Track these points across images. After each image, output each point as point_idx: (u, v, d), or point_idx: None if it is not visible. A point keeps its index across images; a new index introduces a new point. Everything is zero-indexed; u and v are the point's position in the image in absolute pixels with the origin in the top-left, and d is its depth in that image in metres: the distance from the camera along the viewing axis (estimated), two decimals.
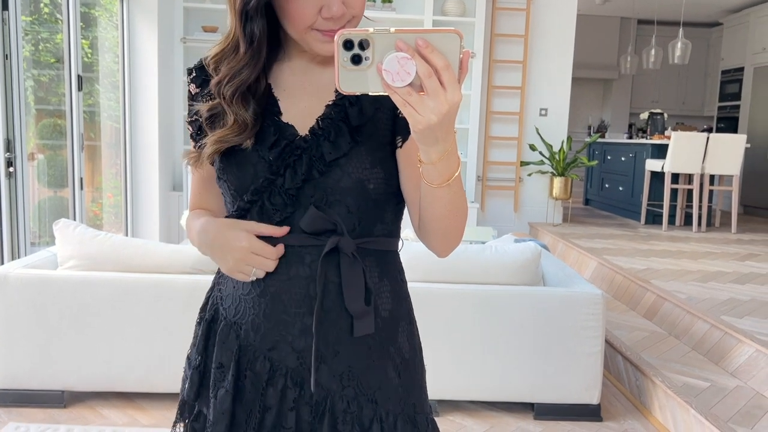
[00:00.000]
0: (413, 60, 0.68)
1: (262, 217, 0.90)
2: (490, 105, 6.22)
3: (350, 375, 0.91)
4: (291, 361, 0.90)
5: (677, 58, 6.88)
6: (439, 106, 0.69)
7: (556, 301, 2.64)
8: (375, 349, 0.92)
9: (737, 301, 3.55)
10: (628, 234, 5.92)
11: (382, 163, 0.90)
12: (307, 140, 0.89)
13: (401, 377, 0.93)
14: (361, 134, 0.88)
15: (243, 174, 0.90)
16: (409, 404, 0.94)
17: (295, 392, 0.90)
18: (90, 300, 2.58)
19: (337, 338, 0.90)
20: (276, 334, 0.90)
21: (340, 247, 0.88)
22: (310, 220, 0.88)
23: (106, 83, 5.07)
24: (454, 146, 0.76)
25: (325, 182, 0.88)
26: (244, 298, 0.92)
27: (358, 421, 0.90)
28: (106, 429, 2.47)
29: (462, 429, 2.59)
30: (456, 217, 0.86)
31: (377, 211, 0.92)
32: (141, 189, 5.26)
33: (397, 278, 0.97)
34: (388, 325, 0.94)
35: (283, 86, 0.93)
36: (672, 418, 2.58)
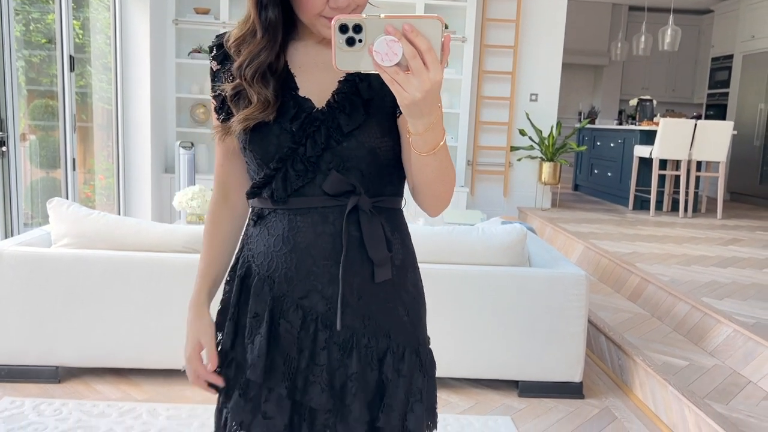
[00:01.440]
0: (400, 43, 0.76)
1: (285, 183, 1.00)
2: (481, 90, 6.26)
3: (370, 315, 1.03)
4: (321, 307, 1.02)
5: (667, 44, 6.93)
6: (422, 84, 0.77)
7: (540, 281, 2.70)
8: (389, 293, 1.05)
9: (718, 283, 3.64)
10: (616, 219, 6.00)
11: (390, 133, 1.00)
12: (324, 113, 0.99)
13: (409, 315, 1.07)
14: (371, 107, 0.99)
15: (267, 145, 1.00)
16: (414, 338, 1.07)
17: (325, 334, 1.02)
18: (83, 277, 2.62)
19: (360, 285, 1.02)
20: (307, 284, 1.01)
21: (359, 206, 0.99)
22: (332, 183, 0.98)
23: (97, 65, 5.07)
24: (438, 119, 0.85)
25: (342, 150, 0.98)
26: (276, 254, 1.03)
27: (375, 353, 1.03)
28: (100, 404, 2.52)
29: (448, 405, 2.66)
30: (443, 182, 0.96)
31: (387, 174, 1.03)
32: (133, 171, 5.28)
33: (405, 232, 1.10)
34: (399, 272, 1.06)
35: (299, 63, 1.03)
36: (651, 395, 2.66)
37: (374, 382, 1.03)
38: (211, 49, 1.08)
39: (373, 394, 1.03)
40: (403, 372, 1.04)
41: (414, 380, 1.05)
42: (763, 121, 7.52)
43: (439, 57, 0.77)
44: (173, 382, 2.75)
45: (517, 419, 2.56)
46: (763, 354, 2.64)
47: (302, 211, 1.01)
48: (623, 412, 2.66)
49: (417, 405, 1.04)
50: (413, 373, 1.05)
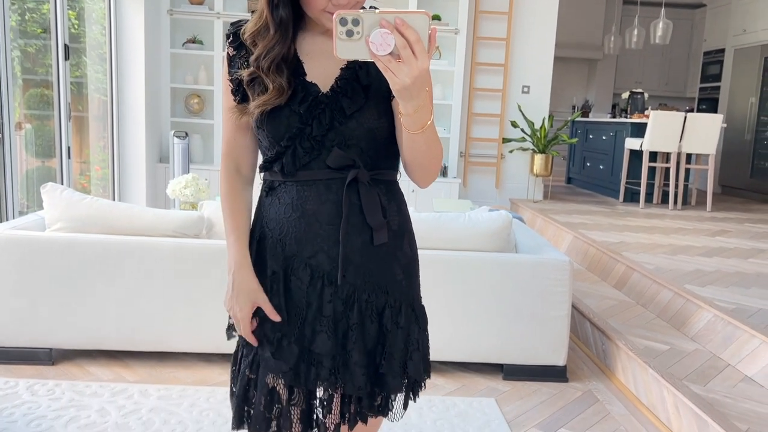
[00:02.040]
0: (393, 35, 0.88)
1: (294, 158, 1.14)
2: (474, 81, 6.30)
3: (370, 273, 1.17)
4: (326, 265, 1.15)
5: (659, 38, 6.99)
6: (412, 70, 0.89)
7: (525, 267, 2.76)
8: (387, 254, 1.19)
9: (702, 272, 3.70)
10: (606, 211, 6.06)
11: (386, 115, 1.14)
12: (328, 96, 1.12)
13: (404, 275, 1.21)
14: (369, 91, 1.12)
15: (278, 125, 1.13)
16: (409, 295, 1.22)
17: (330, 289, 1.15)
18: (77, 261, 2.67)
19: (361, 246, 1.16)
20: (315, 245, 1.15)
21: (358, 178, 1.13)
22: (335, 158, 1.12)
23: (93, 55, 5.11)
24: (426, 102, 0.97)
25: (344, 130, 1.12)
26: (287, 220, 1.17)
27: (375, 307, 1.17)
28: (92, 384, 2.58)
29: (434, 388, 2.72)
30: (432, 157, 1.09)
31: (383, 150, 1.16)
32: (128, 161, 5.32)
33: (401, 200, 1.23)
34: (396, 236, 1.20)
35: (306, 51, 1.16)
36: (633, 378, 2.72)
37: (375, 333, 1.17)
38: (228, 36, 1.19)
39: (375, 343, 1.17)
40: (401, 324, 1.18)
41: (411, 332, 1.19)
42: (754, 115, 7.58)
43: (426, 47, 0.89)
44: (165, 365, 2.80)
45: (501, 401, 2.62)
46: (741, 338, 2.71)
47: (309, 182, 1.15)
48: (605, 394, 2.72)
49: (415, 353, 1.19)
50: (410, 325, 1.19)
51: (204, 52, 5.76)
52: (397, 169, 1.23)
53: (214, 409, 2.43)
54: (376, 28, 0.88)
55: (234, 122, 1.20)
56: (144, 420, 2.32)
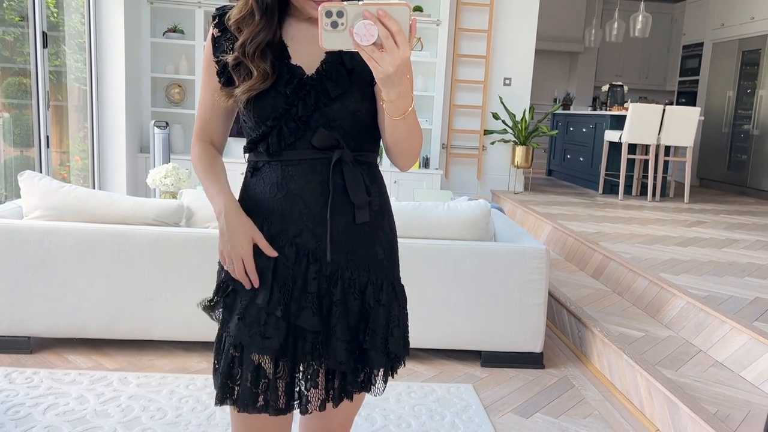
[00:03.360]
0: (376, 26, 0.92)
1: (280, 138, 1.16)
2: (455, 73, 6.33)
3: (352, 252, 1.20)
4: (311, 243, 1.18)
5: (638, 31, 7.06)
6: (394, 59, 0.93)
7: (503, 255, 2.80)
8: (369, 234, 1.22)
9: (677, 260, 3.77)
10: (585, 202, 6.13)
11: (369, 98, 1.17)
12: (314, 79, 1.15)
13: (385, 254, 1.24)
14: (353, 75, 1.16)
15: (264, 106, 1.15)
16: (390, 273, 1.25)
17: (315, 267, 1.18)
18: (55, 249, 2.66)
19: (344, 225, 1.19)
20: (300, 224, 1.18)
21: (342, 158, 1.16)
22: (320, 138, 1.15)
23: (72, 44, 5.06)
24: (407, 89, 1.01)
25: (329, 112, 1.15)
26: (272, 199, 1.19)
27: (357, 285, 1.20)
28: (71, 372, 2.58)
29: (413, 374, 2.76)
30: (412, 141, 1.13)
31: (366, 132, 1.20)
32: (108, 151, 5.29)
33: (382, 182, 1.27)
34: (377, 216, 1.23)
35: (291, 35, 1.19)
36: (608, 364, 2.78)
37: (357, 309, 1.20)
38: (213, 18, 1.21)
39: (357, 320, 1.20)
40: (382, 301, 1.21)
41: (392, 309, 1.23)
42: (732, 109, 7.69)
43: (407, 37, 0.93)
44: (144, 353, 2.81)
45: (479, 387, 2.66)
46: (712, 324, 2.77)
47: (294, 162, 1.17)
48: (581, 380, 2.77)
49: (395, 330, 1.23)
50: (391, 302, 1.23)
51: (185, 41, 5.73)
52: (378, 152, 1.26)
53: (194, 396, 2.44)
54: (359, 20, 0.92)
55: (213, 104, 1.23)
56: (123, 407, 2.33)
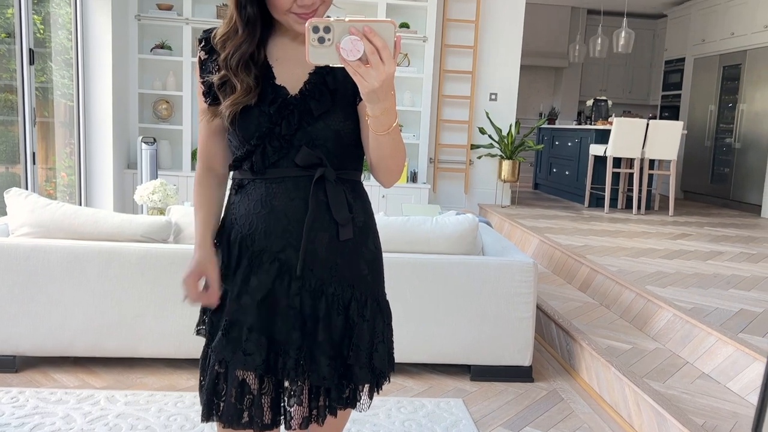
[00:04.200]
0: (362, 41, 0.94)
1: (264, 157, 1.19)
2: (442, 89, 6.38)
3: (336, 268, 1.22)
4: (294, 259, 1.19)
5: (621, 47, 7.17)
6: (379, 75, 0.95)
7: (491, 269, 2.81)
8: (353, 250, 1.24)
9: (663, 273, 3.81)
10: (571, 215, 6.18)
11: (351, 117, 1.20)
12: (297, 99, 1.18)
13: (369, 270, 1.26)
14: (336, 95, 1.18)
15: (249, 125, 1.18)
16: (374, 290, 1.27)
17: (298, 282, 1.20)
18: (42, 267, 2.64)
19: (328, 241, 1.20)
20: (283, 240, 1.20)
21: (325, 176, 1.18)
22: (303, 157, 1.17)
23: (59, 60, 5.05)
24: (392, 105, 1.03)
25: (312, 131, 1.18)
26: (256, 216, 1.21)
27: (341, 301, 1.22)
28: (57, 391, 2.55)
29: (403, 389, 2.76)
30: (396, 158, 1.15)
31: (348, 151, 1.22)
32: (95, 167, 5.26)
33: (366, 199, 1.29)
34: (361, 232, 1.25)
35: (276, 56, 1.22)
36: (596, 377, 2.79)
37: (341, 325, 1.21)
38: (200, 41, 1.24)
39: (341, 336, 1.21)
40: (366, 317, 1.23)
41: (377, 324, 1.25)
42: (714, 122, 7.81)
43: (392, 53, 0.96)
44: (132, 371, 2.78)
45: (469, 401, 2.66)
46: (698, 336, 2.79)
47: (277, 180, 1.19)
48: (570, 393, 2.78)
49: (380, 345, 1.24)
50: (375, 318, 1.25)
51: (173, 57, 5.73)
52: (362, 170, 1.28)
53: (182, 413, 2.42)
54: (346, 35, 0.95)
55: (207, 125, 1.26)
56: (111, 426, 2.31)
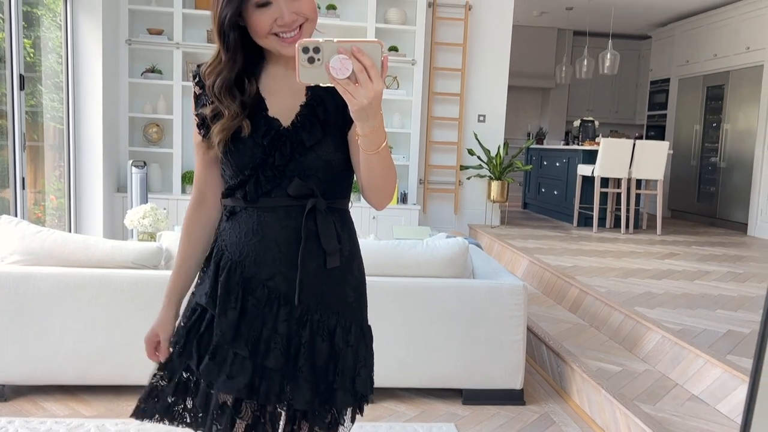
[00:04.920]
0: (350, 60, 0.97)
1: (257, 186, 1.22)
2: (431, 110, 6.44)
3: (322, 295, 1.25)
4: (283, 286, 1.23)
5: (607, 68, 7.28)
6: (368, 92, 0.99)
7: (482, 292, 2.83)
8: (339, 278, 1.27)
9: (651, 294, 3.84)
10: (560, 235, 6.22)
11: (341, 148, 1.23)
12: (289, 130, 1.21)
13: (355, 296, 1.29)
14: (327, 126, 1.21)
15: (243, 155, 1.21)
16: (359, 316, 1.30)
17: (286, 309, 1.23)
18: (32, 295, 2.64)
19: (315, 269, 1.24)
20: (273, 268, 1.23)
21: (316, 206, 1.22)
22: (296, 188, 1.21)
23: (49, 84, 5.06)
24: (381, 124, 1.06)
25: (304, 161, 1.21)
26: (247, 243, 1.24)
27: (326, 327, 1.24)
28: (47, 420, 2.53)
29: (395, 414, 2.76)
30: (387, 178, 1.18)
31: (338, 180, 1.26)
32: (85, 190, 5.25)
33: (352, 228, 1.32)
34: (347, 260, 1.28)
35: (268, 89, 1.25)
36: (587, 399, 2.80)
37: (327, 351, 1.24)
38: (194, 77, 1.30)
39: (326, 361, 1.24)
40: (350, 343, 1.26)
41: (359, 350, 1.28)
42: (699, 142, 7.92)
43: (380, 72, 0.99)
44: (122, 399, 2.77)
45: (461, 426, 2.67)
46: (687, 357, 2.82)
47: (269, 209, 1.22)
48: (561, 416, 2.79)
49: (362, 370, 1.28)
50: (359, 344, 1.28)
51: (163, 81, 5.76)
52: (349, 198, 1.32)
53: None
54: (335, 55, 0.98)
55: (203, 157, 1.29)
56: None
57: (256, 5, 1.14)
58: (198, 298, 1.28)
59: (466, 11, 6.33)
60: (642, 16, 8.39)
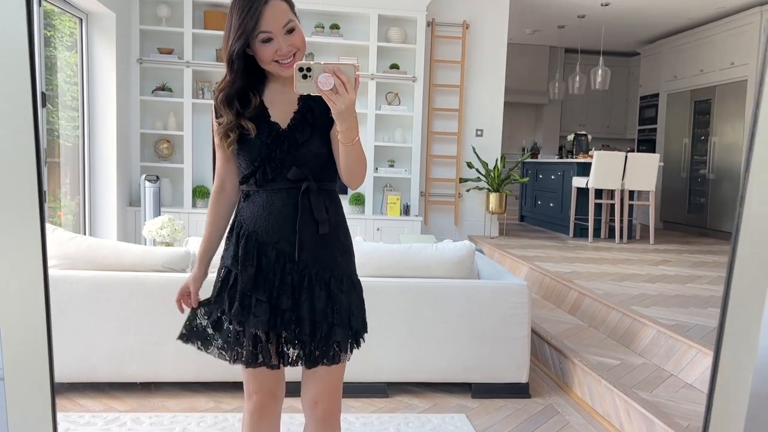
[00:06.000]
0: (332, 77, 1.35)
1: (264, 174, 1.59)
2: (431, 126, 6.68)
3: (317, 255, 1.61)
4: (287, 248, 1.59)
5: (598, 84, 7.56)
6: (345, 100, 1.36)
7: (488, 291, 3.03)
8: (328, 242, 1.62)
9: (646, 295, 4.05)
10: (557, 245, 6.44)
11: (326, 144, 1.59)
12: (286, 132, 1.59)
13: (342, 256, 1.65)
14: (315, 128, 1.58)
15: (252, 151, 1.60)
16: (347, 270, 1.65)
17: (290, 264, 1.59)
18: (68, 296, 2.81)
19: (310, 235, 1.60)
20: (279, 234, 1.60)
21: (309, 188, 1.59)
22: (294, 174, 1.58)
23: (57, 102, 5.25)
24: (354, 123, 1.43)
25: (298, 154, 1.58)
26: (259, 217, 1.61)
27: (322, 278, 1.60)
28: (85, 414, 2.70)
29: (409, 407, 2.93)
30: (359, 164, 1.54)
31: (325, 169, 1.62)
32: (100, 205, 5.44)
33: (339, 205, 1.69)
34: (334, 228, 1.64)
35: (269, 100, 1.63)
36: (588, 391, 2.99)
37: (325, 296, 1.60)
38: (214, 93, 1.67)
39: (325, 304, 1.59)
40: (343, 290, 1.62)
41: (351, 296, 1.63)
42: (688, 155, 8.18)
43: (354, 86, 1.36)
44: (153, 395, 2.93)
45: (471, 416, 2.85)
46: (681, 350, 3.02)
47: (275, 191, 1.59)
48: (564, 407, 2.98)
49: (356, 311, 1.63)
50: (350, 291, 1.64)
51: (173, 99, 5.97)
52: (336, 182, 1.65)
53: None
54: (321, 73, 1.34)
55: (222, 154, 1.68)
56: None
57: (261, 41, 1.52)
58: (225, 261, 1.64)
59: (463, 30, 6.60)
60: (631, 33, 8.70)
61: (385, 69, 6.32)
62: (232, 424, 2.66)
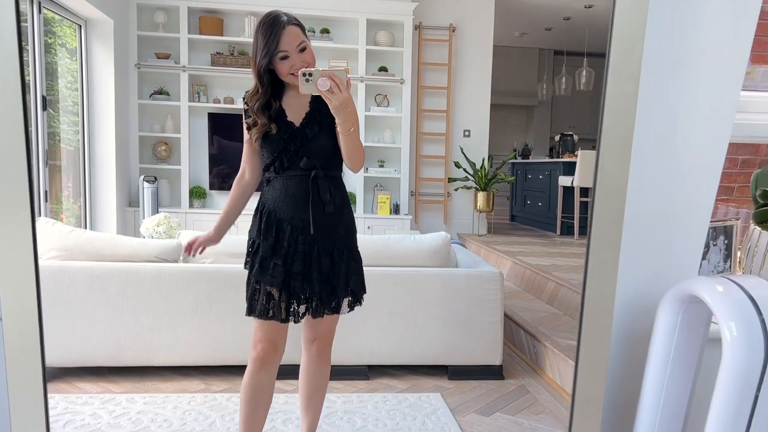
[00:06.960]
0: (329, 80, 1.72)
1: (282, 163, 1.93)
2: (420, 126, 6.88)
3: (324, 229, 1.95)
4: (300, 224, 1.93)
5: (583, 84, 7.76)
6: (339, 98, 1.75)
7: (463, 279, 3.21)
8: (334, 219, 1.97)
9: None
10: (543, 242, 6.62)
11: (332, 138, 1.92)
12: (299, 128, 1.93)
13: (345, 231, 2.00)
14: (322, 125, 1.92)
15: (272, 144, 1.94)
16: (348, 243, 2.00)
17: (302, 237, 1.93)
18: (67, 286, 3.00)
19: (318, 214, 1.93)
20: (293, 212, 1.94)
21: (317, 175, 1.92)
22: (305, 163, 1.92)
23: (58, 107, 5.45)
24: (349, 117, 1.79)
25: (309, 147, 1.92)
26: (279, 198, 1.95)
27: (327, 249, 1.96)
28: (83, 395, 2.88)
29: (388, 388, 3.12)
30: (357, 151, 1.89)
31: (331, 158, 1.95)
32: (99, 206, 5.63)
33: (343, 189, 2.02)
34: (340, 208, 1.98)
35: (287, 104, 1.97)
36: (559, 372, 3.18)
37: (329, 263, 1.96)
38: (243, 100, 2.01)
39: (329, 270, 1.96)
40: (344, 259, 1.98)
41: (350, 264, 2.00)
42: None
43: (346, 86, 1.74)
44: (147, 379, 3.12)
45: (446, 395, 3.03)
46: None
47: (290, 177, 1.93)
48: (536, 387, 3.16)
49: (354, 276, 2.00)
50: (350, 260, 2.00)
51: (171, 102, 6.18)
52: (341, 170, 1.99)
53: (196, 409, 2.77)
54: (320, 77, 1.72)
55: (249, 148, 2.02)
56: (133, 420, 2.65)
57: (280, 58, 1.86)
58: (252, 233, 1.99)
59: (450, 33, 6.80)
60: None
61: (374, 71, 6.52)
62: (220, 402, 2.85)
